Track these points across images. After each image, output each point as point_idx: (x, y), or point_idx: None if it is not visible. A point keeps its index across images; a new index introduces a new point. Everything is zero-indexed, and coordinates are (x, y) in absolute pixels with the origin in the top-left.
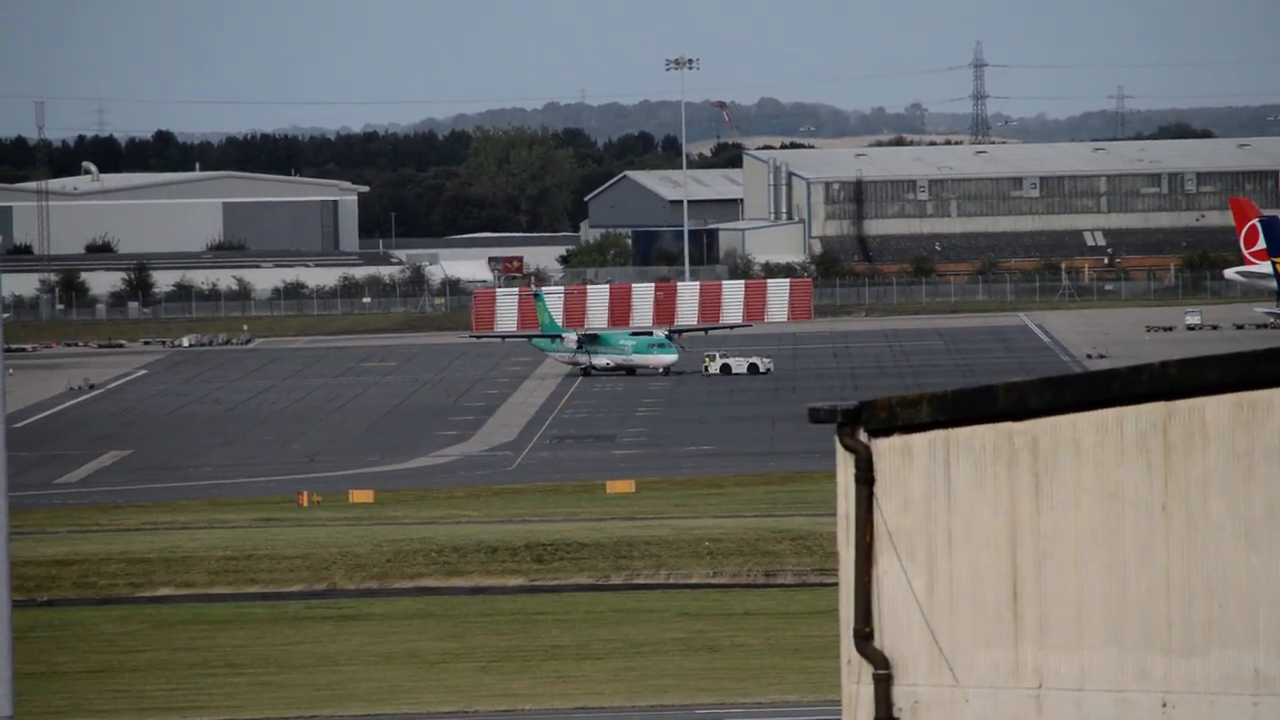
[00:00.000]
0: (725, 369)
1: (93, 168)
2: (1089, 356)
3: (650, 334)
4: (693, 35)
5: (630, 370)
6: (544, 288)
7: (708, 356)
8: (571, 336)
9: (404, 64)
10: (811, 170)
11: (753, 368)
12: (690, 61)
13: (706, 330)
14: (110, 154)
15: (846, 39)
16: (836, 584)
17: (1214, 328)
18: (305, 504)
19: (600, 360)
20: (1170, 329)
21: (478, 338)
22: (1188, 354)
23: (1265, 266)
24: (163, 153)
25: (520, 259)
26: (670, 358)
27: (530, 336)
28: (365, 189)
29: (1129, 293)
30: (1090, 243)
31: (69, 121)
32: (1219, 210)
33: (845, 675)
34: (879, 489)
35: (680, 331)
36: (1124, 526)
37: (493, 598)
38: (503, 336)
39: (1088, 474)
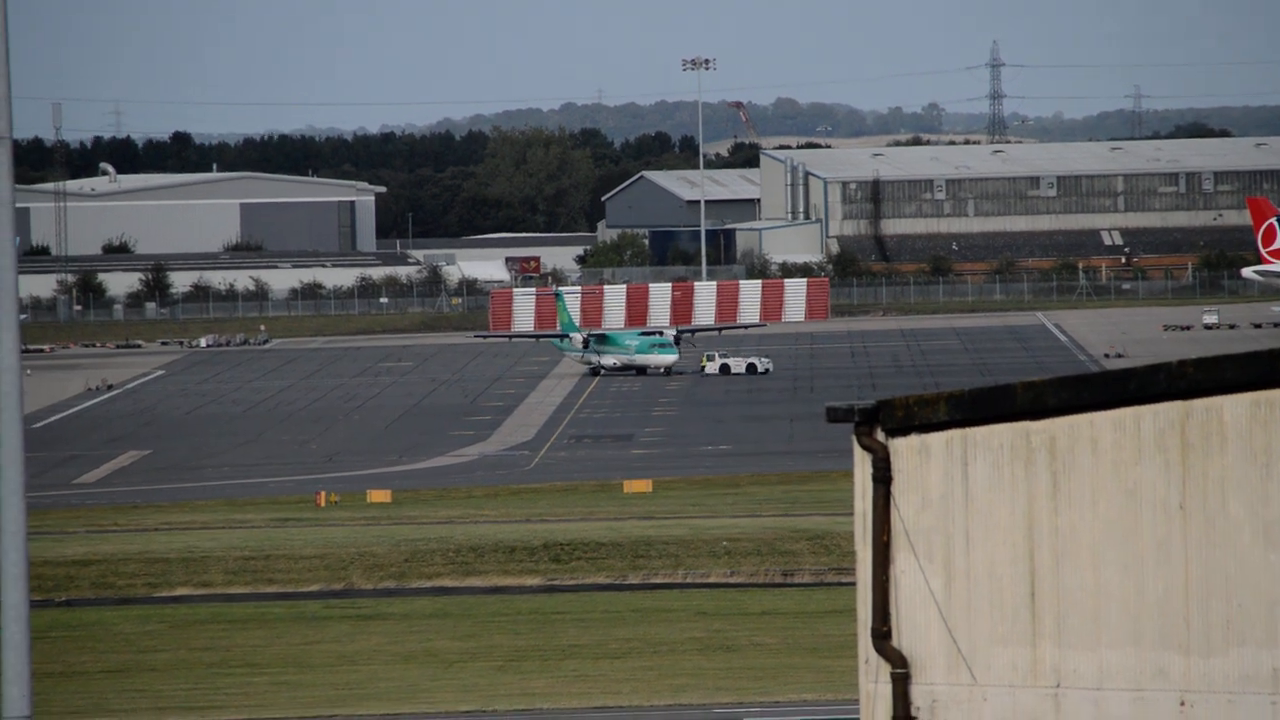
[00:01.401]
0: (724, 369)
1: (110, 168)
2: (1106, 356)
3: (659, 334)
4: (710, 35)
5: (641, 370)
6: (563, 288)
7: (705, 357)
8: (578, 336)
9: (421, 65)
10: (828, 170)
11: (751, 368)
12: (707, 62)
13: (720, 330)
14: (127, 155)
15: (863, 39)
16: (854, 583)
17: (1231, 327)
18: (323, 504)
19: (608, 360)
20: (1188, 328)
21: (484, 337)
22: (1205, 353)
23: None
24: (180, 153)
25: (537, 259)
26: (670, 358)
27: (537, 336)
28: (382, 189)
29: (1146, 292)
30: (1108, 242)
31: (86, 123)
32: (1236, 209)
33: (863, 674)
34: (896, 488)
35: (693, 331)
36: (1142, 525)
37: (510, 597)
38: (510, 336)
39: (1105, 473)
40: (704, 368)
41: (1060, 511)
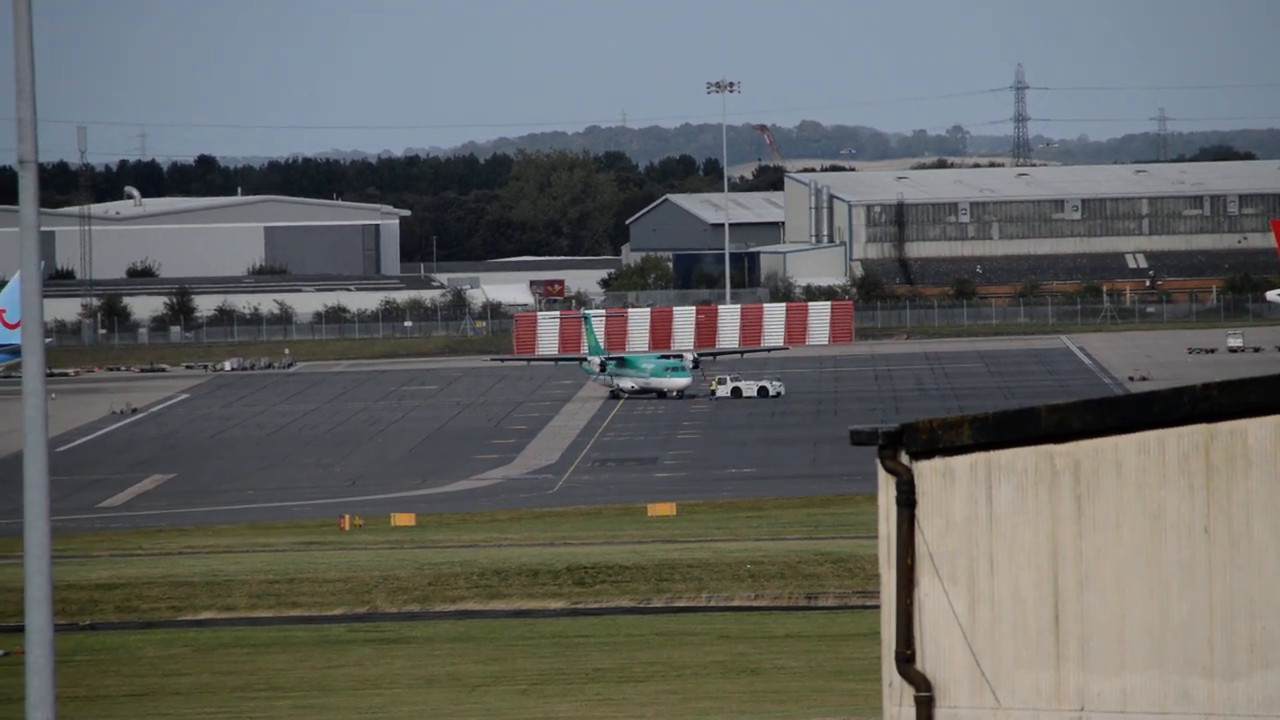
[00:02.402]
0: (736, 392)
1: (135, 192)
2: (1131, 379)
3: (680, 356)
4: (734, 58)
5: (662, 394)
6: (591, 311)
7: (716, 380)
8: (595, 359)
9: (445, 88)
10: (853, 193)
11: (763, 391)
12: (731, 85)
13: (743, 353)
14: (152, 178)
15: (887, 62)
16: (878, 606)
17: (1256, 350)
18: (347, 527)
19: (625, 383)
20: (1212, 351)
21: (501, 360)
22: (1230, 376)
23: None
24: (204, 177)
25: (561, 282)
26: (683, 381)
27: (555, 359)
28: (406, 213)
29: (1171, 315)
30: (1132, 265)
31: (111, 146)
32: (1261, 232)
33: (887, 698)
34: (921, 511)
35: (714, 355)
36: (1166, 549)
37: (534, 620)
38: (529, 360)
39: (1129, 496)
40: (714, 391)
41: (1084, 535)
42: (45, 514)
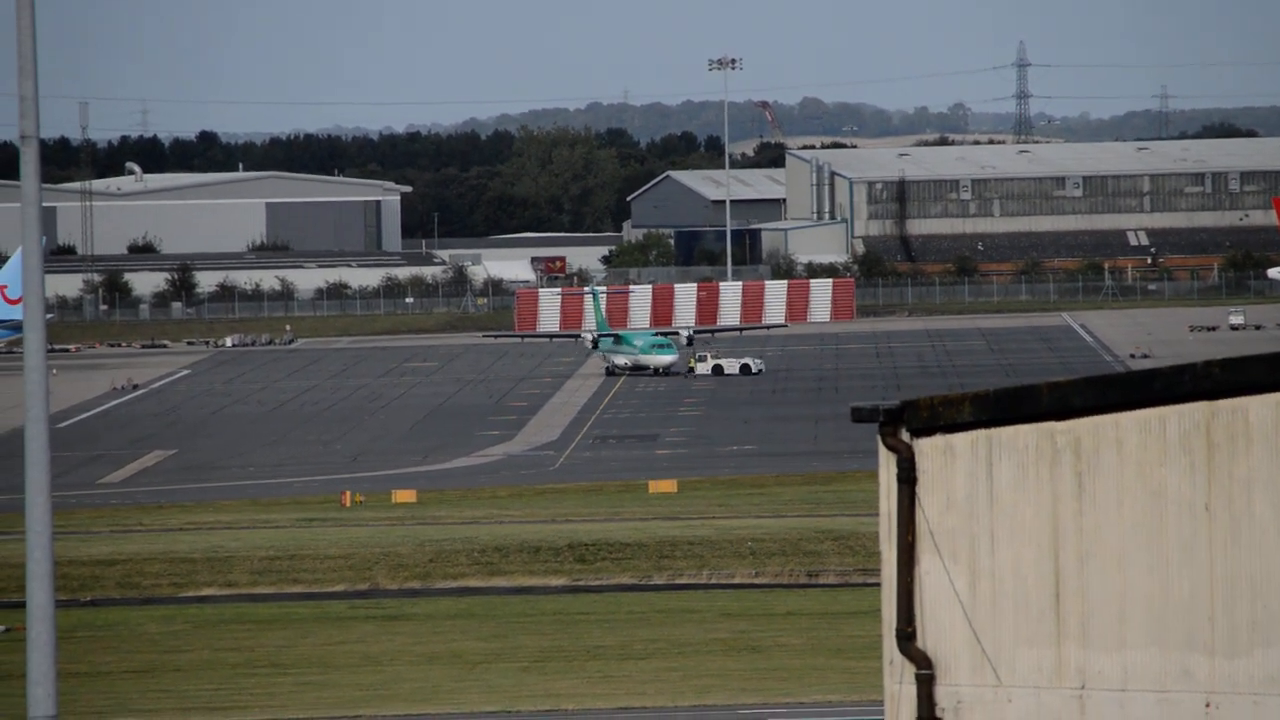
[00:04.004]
0: (717, 370)
1: (136, 168)
2: (1132, 356)
3: (673, 334)
4: (736, 35)
5: (657, 370)
6: (599, 288)
7: (695, 358)
8: (587, 336)
9: (447, 64)
10: (854, 170)
11: (745, 368)
12: (733, 61)
13: (741, 330)
14: (154, 154)
15: (889, 39)
16: (879, 584)
17: (1258, 327)
18: (348, 504)
19: (620, 359)
20: (1214, 329)
21: (495, 337)
22: (1231, 354)
23: None
24: (206, 153)
25: (563, 259)
26: (668, 358)
27: (550, 336)
28: (408, 189)
29: (1172, 292)
30: (1133, 242)
31: (113, 122)
32: (1263, 210)
33: (888, 675)
34: (921, 488)
35: (712, 331)
36: (1167, 526)
37: (535, 598)
38: (522, 336)
39: (1130, 474)
40: (693, 369)
41: (1085, 512)
42: (46, 490)
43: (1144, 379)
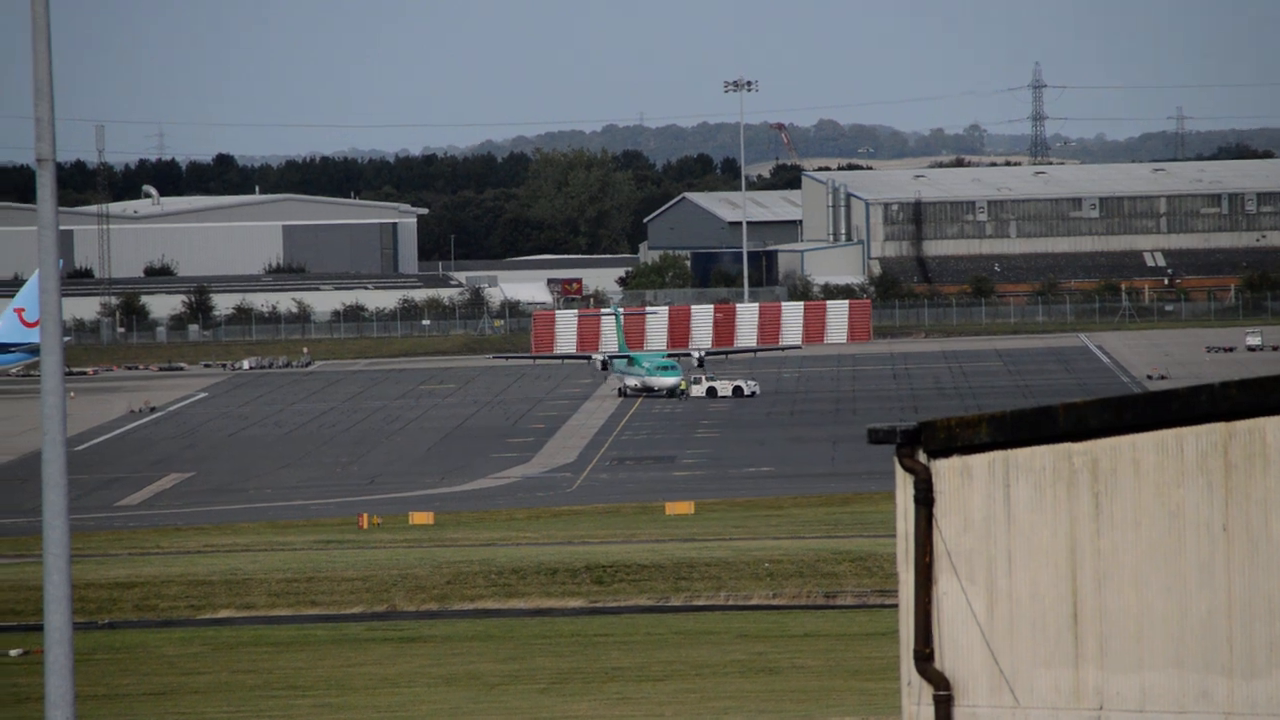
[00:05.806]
0: (711, 392)
1: (153, 191)
2: (1149, 377)
3: (684, 355)
4: (751, 57)
5: (666, 392)
6: (622, 309)
7: (691, 380)
8: (597, 358)
9: (463, 87)
10: (870, 191)
11: (737, 390)
12: (749, 83)
13: (756, 352)
14: (170, 177)
15: (905, 61)
16: (897, 605)
17: (1275, 348)
18: (365, 526)
19: (631, 381)
20: (1231, 350)
21: (506, 358)
22: (1248, 375)
23: None
24: (222, 176)
25: (579, 281)
26: (672, 380)
27: (561, 358)
28: (424, 211)
29: (1189, 313)
30: (1150, 263)
31: (129, 145)
32: (1279, 230)
33: (906, 696)
34: (938, 509)
35: (725, 353)
36: (1184, 547)
37: (553, 619)
38: (534, 358)
39: (1148, 494)
40: (686, 391)
41: (1102, 533)
42: (64, 513)
43: (1161, 400)
